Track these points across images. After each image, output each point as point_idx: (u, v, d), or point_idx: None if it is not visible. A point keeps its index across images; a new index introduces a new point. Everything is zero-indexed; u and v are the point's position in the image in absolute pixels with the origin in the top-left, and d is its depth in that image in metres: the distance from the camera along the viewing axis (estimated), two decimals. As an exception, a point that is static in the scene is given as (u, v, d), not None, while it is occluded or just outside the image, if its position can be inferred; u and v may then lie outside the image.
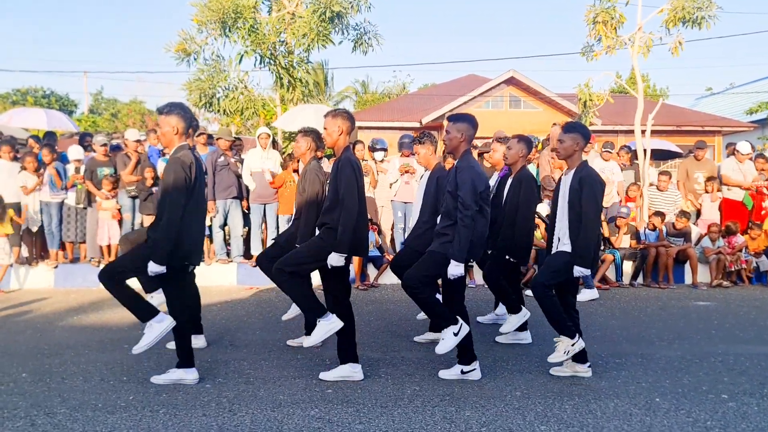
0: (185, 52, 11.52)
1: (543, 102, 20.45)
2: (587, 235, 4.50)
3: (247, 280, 8.84)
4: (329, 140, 4.56)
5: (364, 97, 31.90)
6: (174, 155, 4.34)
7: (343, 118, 4.55)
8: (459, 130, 4.58)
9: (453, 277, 4.40)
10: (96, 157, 8.86)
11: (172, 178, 4.23)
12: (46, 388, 4.37)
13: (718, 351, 5.55)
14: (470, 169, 4.43)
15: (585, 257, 4.51)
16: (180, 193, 4.24)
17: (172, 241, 4.23)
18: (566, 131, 4.74)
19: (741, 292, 8.71)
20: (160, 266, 4.22)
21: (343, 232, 4.33)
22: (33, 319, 6.68)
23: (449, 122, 4.69)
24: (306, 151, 5.53)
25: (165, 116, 4.37)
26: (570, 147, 4.67)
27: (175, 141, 4.40)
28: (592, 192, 4.51)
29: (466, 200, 4.33)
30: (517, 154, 5.59)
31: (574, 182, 4.58)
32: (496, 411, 4.01)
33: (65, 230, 8.78)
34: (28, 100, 31.87)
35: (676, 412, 4.03)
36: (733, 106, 26.54)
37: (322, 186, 5.29)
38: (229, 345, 5.61)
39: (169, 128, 4.37)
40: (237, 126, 23.86)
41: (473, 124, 4.64)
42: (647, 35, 10.47)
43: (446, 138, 4.64)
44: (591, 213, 4.51)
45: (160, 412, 3.94)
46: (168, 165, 4.32)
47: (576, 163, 4.68)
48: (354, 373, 4.57)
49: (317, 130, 5.64)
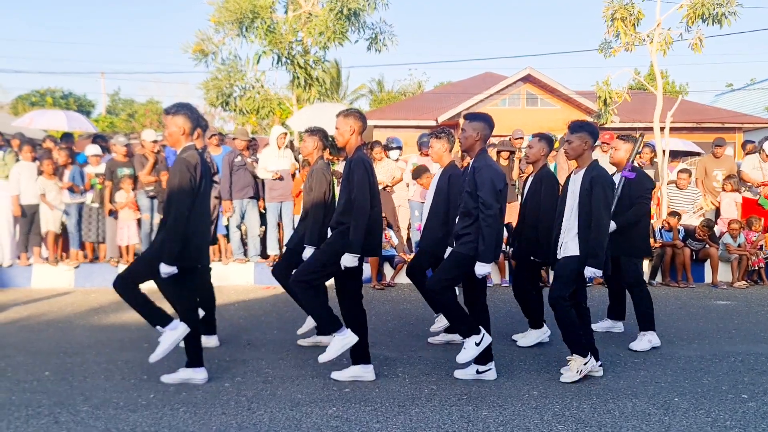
0: (203, 52, 11.63)
1: (560, 99, 20.33)
2: (599, 234, 4.49)
3: (264, 280, 8.89)
4: (341, 140, 4.56)
5: (379, 95, 31.93)
6: (180, 155, 4.38)
7: (354, 117, 4.56)
8: (475, 129, 4.57)
9: (481, 276, 4.43)
10: (116, 158, 8.96)
11: (178, 179, 4.27)
12: (69, 387, 4.44)
13: (739, 350, 5.49)
14: (488, 168, 4.43)
15: (597, 256, 4.48)
16: (185, 193, 4.27)
17: (179, 240, 4.25)
18: (573, 131, 4.72)
19: (761, 292, 8.61)
20: (171, 267, 4.25)
21: (355, 232, 4.33)
22: (54, 319, 6.78)
23: (465, 120, 4.67)
24: (313, 150, 5.54)
25: (172, 116, 4.41)
26: (579, 146, 4.67)
27: (182, 141, 4.43)
28: (603, 191, 4.49)
29: (487, 199, 4.33)
30: (539, 152, 5.56)
31: (584, 182, 4.56)
32: (513, 410, 4.01)
33: (85, 230, 8.89)
34: (47, 101, 32.21)
35: (695, 412, 4.00)
36: (753, 102, 26.18)
37: (329, 185, 5.31)
38: (247, 344, 5.65)
39: (175, 128, 4.40)
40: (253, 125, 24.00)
41: (489, 123, 4.63)
42: (666, 32, 10.37)
43: (462, 137, 4.63)
44: (602, 213, 4.49)
45: (180, 410, 3.99)
46: (173, 165, 4.36)
47: (586, 162, 4.66)
48: (366, 374, 4.58)
49: (324, 129, 5.66)
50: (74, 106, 32.97)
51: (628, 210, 5.62)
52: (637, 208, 5.63)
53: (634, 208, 5.61)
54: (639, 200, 5.63)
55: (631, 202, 5.61)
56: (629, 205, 5.60)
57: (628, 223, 5.57)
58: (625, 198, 5.62)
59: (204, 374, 4.53)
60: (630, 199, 5.61)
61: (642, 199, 5.65)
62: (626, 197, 5.62)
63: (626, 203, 5.61)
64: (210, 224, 4.73)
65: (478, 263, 4.37)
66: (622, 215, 5.56)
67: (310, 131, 5.59)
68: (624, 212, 5.59)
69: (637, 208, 5.63)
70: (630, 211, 5.59)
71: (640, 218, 5.67)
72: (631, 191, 5.63)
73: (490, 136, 4.73)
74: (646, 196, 5.70)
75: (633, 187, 5.63)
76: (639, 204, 5.63)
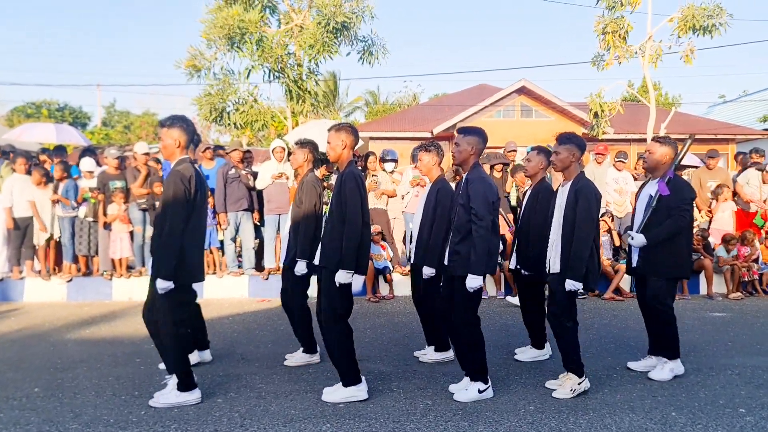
0: (195, 67, 11.67)
1: (555, 111, 20.38)
2: (580, 247, 4.46)
3: (258, 293, 8.83)
4: (332, 154, 4.55)
5: (374, 107, 31.99)
6: (174, 168, 4.34)
7: (346, 132, 4.55)
8: (469, 143, 4.57)
9: (472, 290, 4.34)
10: (108, 171, 8.92)
11: (172, 191, 4.22)
12: (59, 403, 4.38)
13: (735, 363, 5.47)
14: (481, 181, 4.43)
15: (576, 270, 4.46)
16: (180, 205, 4.22)
17: (175, 254, 4.20)
18: (561, 143, 4.71)
19: (757, 303, 8.60)
20: (167, 282, 4.19)
21: (347, 247, 4.30)
22: (46, 333, 6.71)
23: (459, 135, 4.67)
24: (303, 162, 5.53)
25: (167, 129, 4.38)
26: (566, 158, 4.66)
27: (177, 154, 4.40)
28: (587, 204, 4.47)
29: (480, 211, 4.32)
30: (537, 166, 5.55)
31: (570, 195, 4.55)
32: (509, 426, 3.97)
33: (78, 243, 8.83)
34: (42, 113, 32.16)
35: (692, 427, 3.97)
36: (746, 113, 26.32)
37: (319, 197, 5.30)
38: (241, 359, 5.60)
39: (171, 141, 4.38)
40: (249, 138, 24.00)
41: (483, 137, 4.63)
42: (657, 44, 10.44)
43: (456, 150, 4.62)
44: (585, 225, 4.46)
45: (172, 427, 3.93)
46: (168, 178, 4.32)
47: (573, 174, 4.65)
48: (359, 392, 4.47)
49: (314, 142, 5.65)
50: (70, 119, 32.96)
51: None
52: (672, 222, 4.94)
53: (668, 222, 4.95)
54: (676, 212, 4.95)
55: (668, 214, 4.97)
56: (666, 218, 4.97)
57: (661, 239, 4.97)
58: (662, 209, 4.98)
59: (197, 395, 4.40)
60: (668, 211, 4.97)
61: (679, 210, 4.95)
62: (663, 208, 4.98)
63: (663, 215, 4.98)
64: (204, 239, 4.66)
65: (469, 276, 4.31)
66: (655, 229, 5.01)
67: (300, 144, 5.58)
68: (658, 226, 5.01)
69: (672, 222, 4.94)
70: (663, 225, 4.96)
71: (675, 233, 4.97)
72: (669, 202, 4.96)
73: (484, 151, 4.73)
74: (684, 208, 4.98)
75: (671, 197, 4.97)
76: (675, 217, 4.95)
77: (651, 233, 5.00)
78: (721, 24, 9.84)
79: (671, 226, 4.95)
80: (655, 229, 4.99)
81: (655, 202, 5.04)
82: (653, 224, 5.02)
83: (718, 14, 9.75)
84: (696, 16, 9.73)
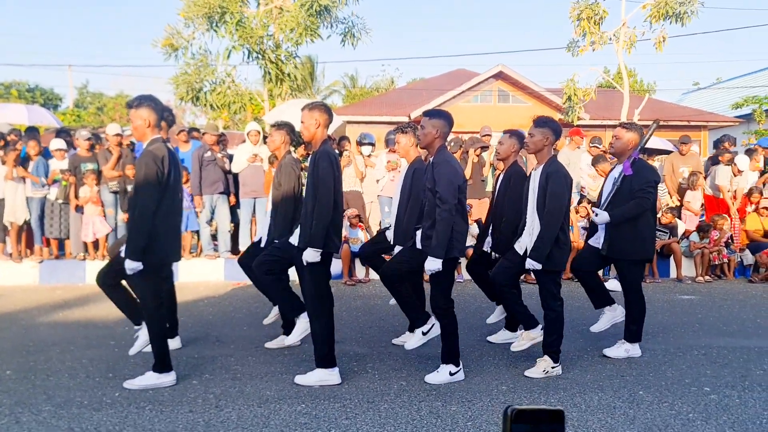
0: (172, 47, 11.50)
1: (532, 97, 20.49)
2: (547, 228, 4.52)
3: (234, 276, 8.79)
4: (306, 134, 4.54)
5: (352, 91, 31.84)
6: (147, 148, 4.28)
7: (320, 110, 4.54)
8: (434, 126, 4.51)
9: (430, 272, 4.32)
10: (79, 153, 8.80)
11: (144, 172, 4.18)
12: (31, 386, 4.35)
13: (702, 344, 5.61)
14: (446, 164, 4.39)
15: (539, 250, 4.53)
16: (152, 186, 4.17)
17: (145, 235, 4.16)
18: (537, 126, 4.72)
19: (725, 286, 8.80)
20: (136, 262, 4.16)
21: (317, 225, 4.30)
22: (18, 316, 6.63)
23: (425, 117, 4.60)
24: (280, 144, 5.50)
25: (135, 110, 4.32)
26: (539, 141, 4.68)
27: (148, 134, 4.34)
28: (557, 187, 4.52)
29: (444, 195, 4.28)
30: (509, 149, 5.51)
31: (542, 178, 4.59)
32: (482, 405, 4.04)
33: (48, 226, 8.70)
34: (12, 93, 31.46)
35: (659, 405, 4.07)
36: (719, 100, 26.70)
37: (298, 179, 5.29)
38: (216, 341, 5.60)
39: (140, 121, 4.32)
40: (225, 121, 23.76)
41: (449, 121, 4.58)
42: (631, 31, 10.54)
43: (421, 133, 4.58)
44: (553, 208, 4.52)
45: (146, 408, 3.93)
46: (140, 158, 4.27)
47: (545, 158, 4.69)
48: (331, 377, 4.46)
49: (291, 124, 5.61)
50: (41, 100, 32.29)
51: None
52: (636, 203, 5.03)
53: (632, 203, 5.04)
54: (639, 194, 5.04)
55: (631, 197, 5.06)
56: (629, 200, 5.06)
57: (624, 219, 5.05)
58: (625, 191, 5.09)
59: (172, 377, 4.39)
60: (630, 194, 5.07)
61: (642, 193, 5.04)
62: (626, 191, 5.08)
63: (626, 197, 5.07)
64: (180, 219, 4.62)
65: (429, 258, 4.29)
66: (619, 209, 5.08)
67: (277, 126, 5.54)
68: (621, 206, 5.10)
69: (636, 203, 5.03)
70: (626, 206, 5.05)
71: (638, 215, 5.06)
72: (633, 184, 5.07)
73: (450, 133, 4.69)
74: (647, 190, 5.07)
75: (634, 180, 5.08)
76: (639, 199, 5.04)
77: (614, 212, 5.08)
78: (692, 12, 9.97)
79: (634, 208, 5.04)
80: (619, 209, 5.08)
81: (620, 182, 5.13)
82: (616, 203, 5.11)
83: (689, 1, 9.87)
84: (669, 3, 9.83)
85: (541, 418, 0.75)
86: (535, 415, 0.75)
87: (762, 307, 7.35)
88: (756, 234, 9.75)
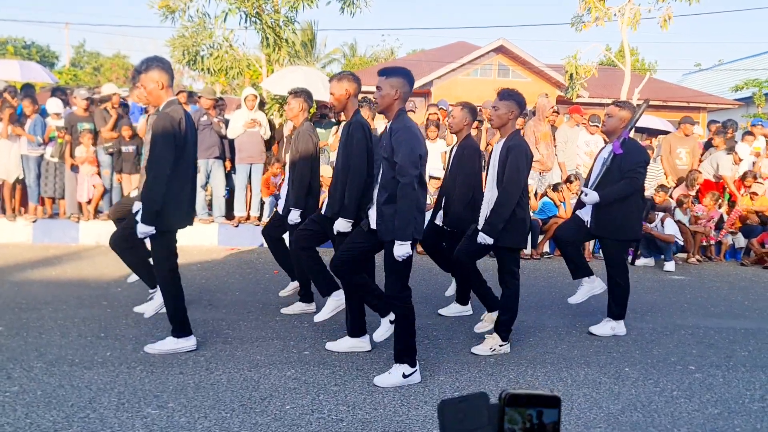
0: (169, 8, 11.29)
1: (532, 72, 20.35)
2: (502, 203, 4.39)
3: (228, 241, 8.83)
4: (337, 105, 4.46)
5: (352, 60, 31.52)
6: (163, 110, 4.11)
7: (348, 80, 4.45)
8: (393, 86, 3.86)
9: (400, 259, 3.74)
10: (76, 112, 8.72)
11: (161, 134, 4.02)
12: (23, 342, 4.38)
13: (689, 324, 5.67)
14: (407, 130, 3.79)
15: (492, 224, 4.42)
16: (168, 149, 4.03)
17: (159, 199, 4.02)
18: (501, 98, 4.55)
19: (714, 268, 8.87)
20: (148, 227, 4.06)
21: (350, 196, 4.23)
22: (10, 273, 6.64)
23: (381, 77, 3.94)
24: (299, 112, 5.42)
25: (145, 73, 4.13)
26: (504, 115, 4.50)
27: (163, 96, 4.16)
28: (515, 161, 4.37)
29: (404, 165, 3.69)
30: (461, 121, 5.36)
31: (503, 152, 4.46)
32: (470, 377, 4.10)
33: (43, 185, 8.67)
34: (7, 49, 31.01)
35: (644, 382, 4.14)
36: (720, 82, 26.60)
37: (316, 147, 5.25)
38: (208, 305, 5.63)
39: (153, 84, 4.13)
40: (223, 85, 23.54)
41: (409, 79, 3.94)
42: (637, 7, 10.44)
43: (378, 95, 3.92)
44: (511, 183, 4.37)
45: (137, 368, 3.97)
46: (156, 120, 4.09)
47: (508, 132, 4.54)
48: (363, 345, 4.50)
49: (308, 90, 5.54)
50: (37, 57, 31.84)
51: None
52: (626, 184, 4.98)
53: (621, 183, 4.99)
54: (629, 174, 4.98)
55: (621, 177, 5.01)
56: (619, 180, 5.01)
57: (613, 199, 5.00)
58: (614, 171, 5.03)
59: (193, 341, 4.36)
60: (620, 173, 5.01)
61: (633, 173, 4.99)
62: (616, 170, 5.02)
63: (615, 177, 5.02)
64: (196, 183, 4.46)
65: (396, 243, 3.71)
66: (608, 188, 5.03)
67: (294, 93, 5.42)
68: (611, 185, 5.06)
69: (626, 184, 4.98)
70: (616, 186, 5.00)
71: (627, 195, 5.02)
72: (622, 164, 5.01)
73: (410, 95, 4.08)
74: (637, 170, 5.02)
75: (624, 160, 5.01)
76: (628, 179, 4.98)
77: (604, 192, 5.04)
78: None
79: (624, 187, 5.00)
80: (608, 188, 5.03)
81: (609, 161, 5.08)
82: (606, 183, 5.06)
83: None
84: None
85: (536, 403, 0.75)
86: (531, 400, 0.75)
87: (751, 289, 7.42)
88: (751, 216, 9.73)
